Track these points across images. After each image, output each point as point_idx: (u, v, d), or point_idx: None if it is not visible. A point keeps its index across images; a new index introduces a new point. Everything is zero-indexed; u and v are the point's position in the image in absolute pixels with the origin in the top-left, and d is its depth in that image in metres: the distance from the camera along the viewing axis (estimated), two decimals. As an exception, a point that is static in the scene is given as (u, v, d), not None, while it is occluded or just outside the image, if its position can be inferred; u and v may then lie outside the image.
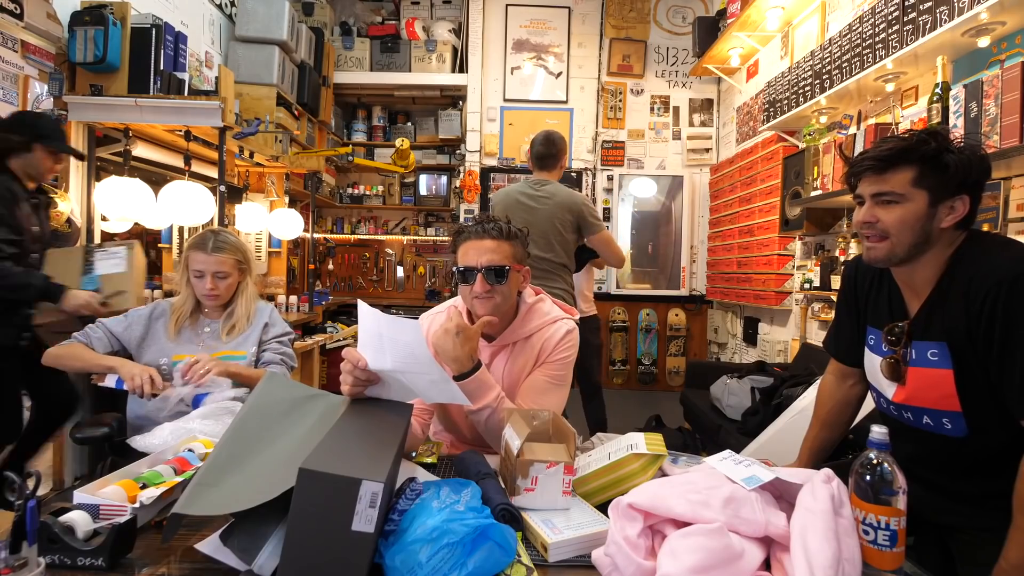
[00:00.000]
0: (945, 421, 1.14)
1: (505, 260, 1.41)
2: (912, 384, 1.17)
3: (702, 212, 5.34)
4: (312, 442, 0.89)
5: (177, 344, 1.78)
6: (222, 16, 4.07)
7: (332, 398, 1.15)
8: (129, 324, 1.79)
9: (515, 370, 1.49)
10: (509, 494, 1.10)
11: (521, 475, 1.08)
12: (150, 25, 2.83)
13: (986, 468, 1.14)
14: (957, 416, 1.12)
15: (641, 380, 5.37)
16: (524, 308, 1.50)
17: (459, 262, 1.43)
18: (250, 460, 0.96)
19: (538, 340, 1.49)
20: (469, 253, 1.42)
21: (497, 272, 1.39)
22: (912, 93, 2.69)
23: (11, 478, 0.84)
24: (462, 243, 1.45)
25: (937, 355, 1.12)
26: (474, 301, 1.42)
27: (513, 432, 1.16)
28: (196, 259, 1.78)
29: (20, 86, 2.47)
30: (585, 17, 5.39)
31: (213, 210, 2.93)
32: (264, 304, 1.94)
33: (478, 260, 1.39)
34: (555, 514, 1.05)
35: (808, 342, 3.51)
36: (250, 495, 0.87)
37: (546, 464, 1.07)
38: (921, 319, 1.16)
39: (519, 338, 1.49)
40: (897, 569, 0.87)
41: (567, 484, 1.09)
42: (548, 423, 1.21)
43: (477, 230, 1.44)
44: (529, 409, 1.26)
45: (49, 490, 2.69)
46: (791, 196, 3.56)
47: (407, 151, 3.72)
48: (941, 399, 1.13)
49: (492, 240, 1.42)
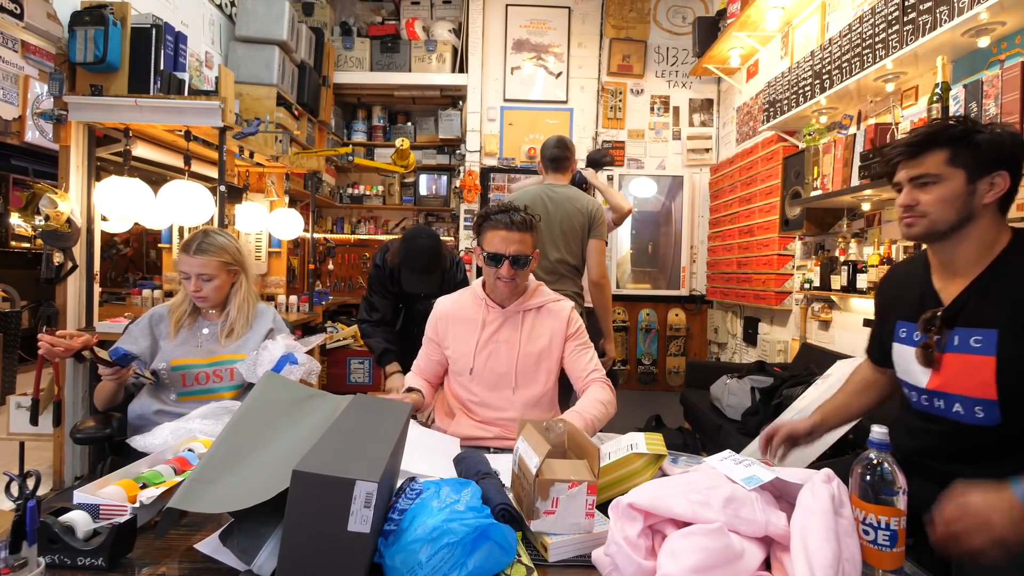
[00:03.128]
0: (978, 409, 1.15)
1: (527, 249, 1.67)
2: (948, 371, 1.18)
3: (702, 212, 5.34)
4: (310, 442, 0.89)
5: (176, 347, 1.75)
6: (222, 16, 4.07)
7: (331, 399, 1.15)
8: (135, 339, 1.76)
9: (536, 332, 1.76)
10: (527, 517, 1.02)
11: (540, 496, 0.99)
12: (150, 25, 2.83)
13: (1012, 458, 1.14)
14: (991, 405, 1.13)
15: (641, 380, 5.37)
16: (532, 285, 1.81)
17: (485, 246, 1.67)
18: (248, 459, 0.96)
19: (554, 313, 1.77)
20: (497, 241, 1.64)
21: (522, 260, 1.66)
22: (912, 93, 2.69)
23: (11, 477, 0.84)
24: (489, 229, 1.67)
25: (981, 341, 1.13)
26: (497, 282, 1.69)
27: (530, 449, 1.05)
28: (182, 261, 1.77)
29: (20, 86, 2.47)
30: (585, 17, 5.39)
31: (213, 210, 2.92)
32: (265, 307, 1.89)
33: (506, 248, 1.63)
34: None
35: (808, 342, 3.51)
36: (247, 495, 0.87)
37: (568, 484, 0.99)
38: (962, 305, 1.17)
39: (530, 308, 1.76)
40: (897, 569, 0.87)
41: (590, 505, 1.00)
42: (563, 435, 1.15)
43: (505, 221, 1.64)
44: (542, 420, 1.19)
45: (49, 490, 2.70)
46: (791, 196, 3.56)
47: (407, 151, 3.71)
48: (978, 386, 1.14)
49: (519, 232, 1.65)
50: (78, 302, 2.85)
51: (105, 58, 2.65)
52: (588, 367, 1.76)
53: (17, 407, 2.82)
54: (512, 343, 1.74)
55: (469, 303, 1.80)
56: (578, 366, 1.77)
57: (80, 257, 2.80)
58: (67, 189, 2.71)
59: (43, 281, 2.76)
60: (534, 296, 1.79)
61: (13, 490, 0.82)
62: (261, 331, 1.81)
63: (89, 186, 2.85)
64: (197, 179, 3.12)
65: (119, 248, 5.32)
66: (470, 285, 1.87)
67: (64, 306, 2.77)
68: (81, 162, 2.81)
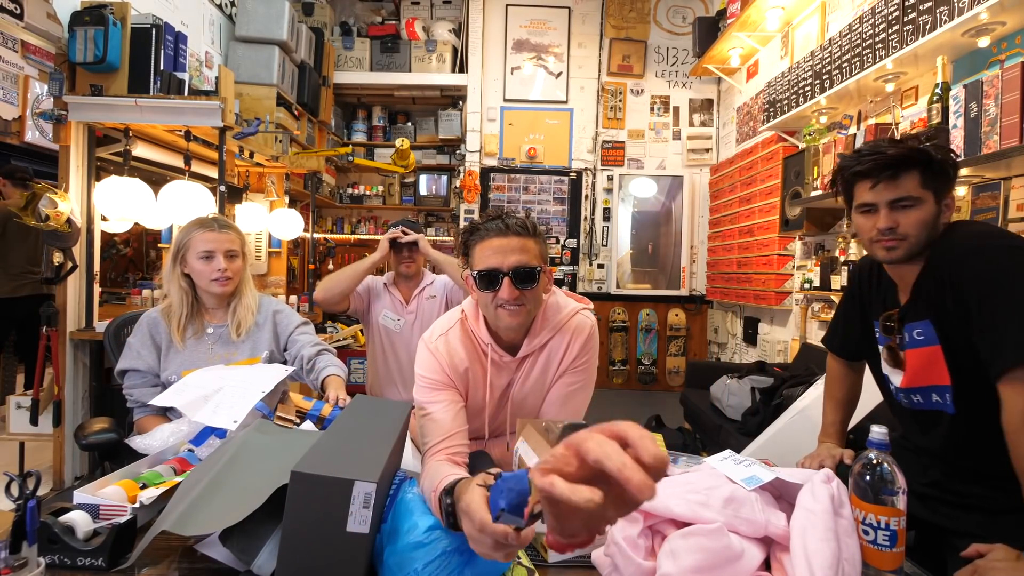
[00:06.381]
0: (943, 397, 1.18)
1: (534, 260, 1.19)
2: (910, 366, 1.22)
3: (702, 212, 5.34)
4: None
5: (185, 356, 1.61)
6: (222, 16, 4.07)
7: (316, 435, 1.12)
8: (138, 354, 1.62)
9: (540, 381, 1.31)
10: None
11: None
12: (150, 25, 2.83)
13: (982, 453, 1.16)
14: (948, 391, 1.16)
15: (641, 380, 5.37)
16: (541, 309, 1.28)
17: (477, 265, 1.20)
18: (237, 480, 0.95)
19: (567, 333, 1.29)
20: (489, 253, 1.18)
21: (527, 275, 1.17)
22: (912, 93, 2.69)
23: (11, 477, 0.84)
24: (478, 242, 1.21)
25: (922, 334, 1.17)
26: (499, 311, 1.19)
27: (529, 449, 1.01)
28: (204, 238, 1.61)
29: (20, 86, 2.47)
30: (585, 17, 5.39)
31: (213, 210, 2.92)
32: (265, 296, 1.81)
33: (503, 261, 1.16)
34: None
35: (808, 342, 3.51)
36: (242, 506, 0.87)
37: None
38: (909, 304, 1.21)
39: (543, 342, 1.29)
40: (897, 569, 0.87)
41: None
42: (563, 436, 1.11)
43: (498, 226, 1.19)
44: (541, 420, 1.10)
45: (49, 490, 2.70)
46: (791, 196, 3.56)
47: (407, 151, 3.71)
48: (937, 375, 1.17)
49: (518, 237, 1.18)
50: (78, 302, 2.85)
51: (105, 58, 2.65)
52: (562, 411, 1.30)
53: (17, 407, 2.82)
54: (535, 394, 1.31)
55: (463, 353, 1.27)
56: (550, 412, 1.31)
57: (80, 257, 2.80)
58: (67, 189, 2.71)
59: (43, 281, 2.76)
60: (548, 320, 1.28)
61: (13, 490, 0.82)
62: (268, 318, 1.73)
63: (89, 186, 2.85)
64: (197, 179, 3.12)
65: (119, 248, 5.32)
66: (458, 318, 1.32)
67: (64, 306, 2.78)
68: (81, 162, 2.82)
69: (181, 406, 1.33)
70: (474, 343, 1.29)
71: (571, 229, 5.41)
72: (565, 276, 5.39)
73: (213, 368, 1.54)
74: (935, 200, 1.15)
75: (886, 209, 1.17)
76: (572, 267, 5.42)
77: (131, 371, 1.62)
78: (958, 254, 1.11)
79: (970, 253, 1.10)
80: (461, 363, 1.26)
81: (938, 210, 1.16)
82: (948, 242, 1.15)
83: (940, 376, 1.16)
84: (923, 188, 1.15)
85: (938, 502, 1.22)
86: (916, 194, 1.14)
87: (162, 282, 1.72)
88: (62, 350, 2.75)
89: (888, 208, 1.16)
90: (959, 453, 1.21)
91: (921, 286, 1.18)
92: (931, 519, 1.21)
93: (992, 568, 0.92)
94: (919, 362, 1.20)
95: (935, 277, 1.14)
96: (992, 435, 1.08)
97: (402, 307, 2.35)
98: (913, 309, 1.20)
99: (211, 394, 1.36)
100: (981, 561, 0.94)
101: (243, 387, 1.38)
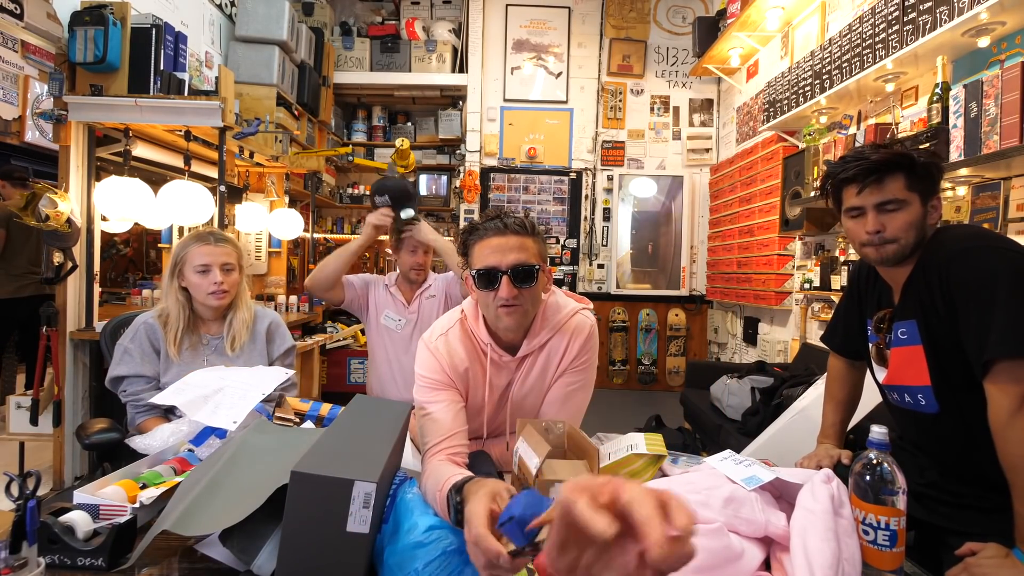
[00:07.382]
0: (920, 397, 1.20)
1: (533, 258, 1.21)
2: (892, 364, 1.25)
3: (702, 212, 5.34)
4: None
5: (182, 367, 1.62)
6: (222, 16, 4.07)
7: (315, 432, 1.12)
8: (137, 361, 1.63)
9: (540, 381, 1.33)
10: None
11: None
12: (150, 25, 2.83)
13: (973, 453, 1.16)
14: (928, 391, 1.18)
15: (641, 380, 5.37)
16: (540, 309, 1.30)
17: (476, 264, 1.22)
18: (237, 480, 0.95)
19: (567, 333, 1.31)
20: (488, 252, 1.20)
21: (525, 273, 1.19)
22: (912, 93, 2.69)
23: (11, 477, 0.84)
24: (477, 242, 1.23)
25: (907, 333, 1.20)
26: (499, 311, 1.21)
27: (529, 449, 1.02)
28: (200, 252, 1.64)
29: (20, 86, 2.47)
30: (585, 17, 5.39)
31: (213, 210, 2.92)
32: (263, 309, 1.83)
33: (502, 260, 1.19)
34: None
35: (808, 342, 3.51)
36: (241, 506, 0.87)
37: None
38: (900, 305, 1.24)
39: (543, 342, 1.31)
40: (897, 569, 0.87)
41: None
42: (563, 436, 1.12)
43: (497, 225, 1.21)
44: (541, 420, 1.12)
45: (49, 490, 2.70)
46: (791, 196, 3.56)
47: (407, 151, 3.71)
48: (916, 375, 1.19)
49: (516, 236, 1.21)
50: (78, 302, 2.85)
51: (105, 58, 2.65)
52: (561, 411, 1.31)
53: (17, 407, 2.82)
54: (535, 394, 1.33)
55: (462, 353, 1.29)
56: (549, 413, 1.32)
57: (80, 257, 2.80)
58: (67, 189, 2.71)
59: (43, 281, 2.76)
60: (548, 320, 1.31)
61: (13, 490, 0.82)
62: (261, 335, 1.76)
63: (89, 186, 2.85)
64: (197, 179, 3.12)
65: (119, 248, 5.32)
66: (458, 318, 1.34)
67: (64, 306, 2.78)
68: (81, 162, 2.82)
69: (181, 404, 1.34)
70: (474, 343, 1.30)
71: (571, 229, 5.41)
72: (565, 276, 5.39)
73: (214, 369, 1.54)
74: (921, 202, 1.18)
75: (873, 212, 1.19)
76: (572, 267, 5.42)
77: (132, 377, 1.63)
78: (946, 256, 1.13)
79: (958, 255, 1.12)
80: (461, 363, 1.27)
81: (925, 211, 1.18)
82: (937, 245, 1.17)
83: (919, 376, 1.19)
84: (908, 191, 1.17)
85: (935, 502, 1.22)
86: (902, 196, 1.17)
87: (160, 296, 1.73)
88: (62, 350, 2.75)
89: (875, 211, 1.19)
90: (951, 453, 1.22)
91: (911, 287, 1.21)
92: (929, 519, 1.22)
93: (981, 565, 0.94)
94: (900, 360, 1.22)
95: (925, 278, 1.16)
96: (982, 435, 1.09)
97: (404, 308, 2.35)
98: (902, 309, 1.22)
99: (211, 394, 1.36)
100: (972, 559, 0.96)
101: (243, 388, 1.39)
